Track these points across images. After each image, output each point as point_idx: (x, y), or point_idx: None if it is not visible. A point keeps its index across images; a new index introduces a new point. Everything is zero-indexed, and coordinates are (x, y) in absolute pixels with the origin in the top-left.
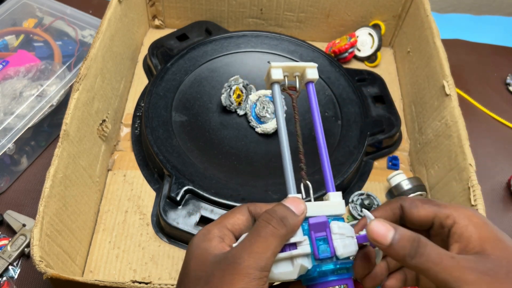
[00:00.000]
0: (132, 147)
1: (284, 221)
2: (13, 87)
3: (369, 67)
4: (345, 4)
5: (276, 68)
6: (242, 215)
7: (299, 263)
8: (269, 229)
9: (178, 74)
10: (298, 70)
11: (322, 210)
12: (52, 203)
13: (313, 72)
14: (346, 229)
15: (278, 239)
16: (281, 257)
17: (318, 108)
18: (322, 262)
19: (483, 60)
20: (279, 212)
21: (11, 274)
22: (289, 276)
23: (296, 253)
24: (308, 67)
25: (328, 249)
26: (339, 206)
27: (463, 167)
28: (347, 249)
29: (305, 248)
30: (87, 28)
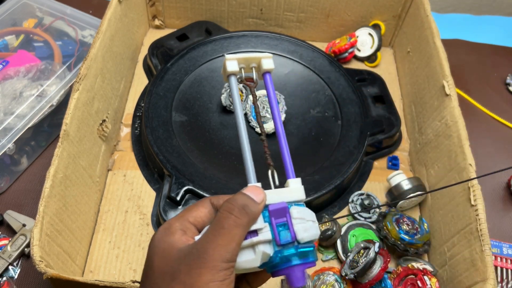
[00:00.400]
0: (132, 147)
1: (245, 209)
2: (13, 87)
3: (369, 67)
4: (345, 4)
5: (231, 60)
6: (205, 208)
7: (261, 250)
8: (232, 220)
9: (178, 74)
10: (253, 61)
11: (281, 197)
12: (52, 203)
13: (268, 62)
14: (306, 214)
15: (241, 229)
16: (243, 246)
17: (276, 97)
18: (284, 247)
19: (483, 60)
20: (240, 201)
21: (11, 274)
22: (252, 264)
23: (257, 240)
24: (263, 58)
25: (289, 234)
26: (298, 192)
27: (463, 167)
28: (308, 233)
29: (266, 235)
30: (87, 28)
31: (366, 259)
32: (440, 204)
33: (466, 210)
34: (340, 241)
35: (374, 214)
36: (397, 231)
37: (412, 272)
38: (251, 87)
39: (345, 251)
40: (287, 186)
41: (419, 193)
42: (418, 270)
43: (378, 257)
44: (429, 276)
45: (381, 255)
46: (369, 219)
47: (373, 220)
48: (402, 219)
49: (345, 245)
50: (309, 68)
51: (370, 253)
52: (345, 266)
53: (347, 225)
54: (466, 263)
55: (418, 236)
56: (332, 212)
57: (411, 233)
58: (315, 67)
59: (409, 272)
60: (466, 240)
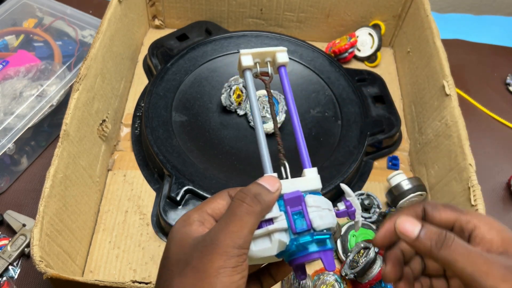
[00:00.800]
0: (132, 147)
1: (258, 197)
2: (13, 87)
3: (369, 67)
4: (345, 4)
5: (246, 55)
6: (222, 200)
7: (277, 238)
8: (244, 207)
9: (178, 74)
10: (268, 55)
11: (297, 186)
12: (52, 203)
13: (283, 56)
14: (322, 202)
15: (253, 216)
16: (259, 234)
17: (291, 91)
18: (300, 235)
19: (483, 60)
20: (253, 190)
21: (11, 274)
22: (269, 252)
23: (273, 228)
24: (278, 51)
25: (304, 222)
26: (314, 181)
27: (463, 167)
28: (324, 221)
29: (282, 223)
30: (87, 28)
31: (366, 259)
32: None
33: None
34: (340, 241)
35: (374, 214)
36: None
37: None
38: (266, 82)
39: (345, 251)
40: (303, 175)
41: (419, 193)
42: None
43: (378, 257)
44: None
45: (381, 255)
46: (369, 219)
47: (373, 220)
48: None
49: (345, 245)
50: (309, 68)
51: (370, 253)
52: (345, 266)
53: (347, 225)
54: None
55: None
56: None
57: None
58: (315, 67)
59: None
60: None
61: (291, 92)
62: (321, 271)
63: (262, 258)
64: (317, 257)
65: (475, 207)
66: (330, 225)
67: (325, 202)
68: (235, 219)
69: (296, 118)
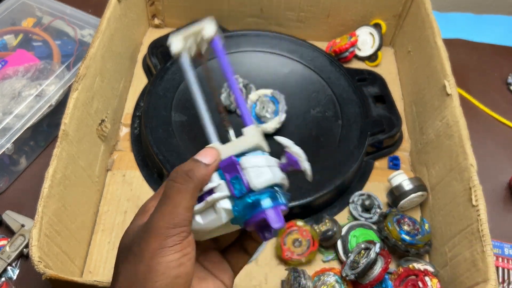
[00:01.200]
0: (132, 147)
1: (190, 174)
2: (12, 87)
3: (369, 67)
4: (345, 4)
5: (175, 39)
6: None
7: (221, 207)
8: (175, 187)
9: (178, 73)
10: (197, 31)
11: (237, 148)
12: (51, 204)
13: (210, 28)
14: (260, 161)
15: (186, 194)
16: (202, 207)
17: (229, 64)
18: (241, 199)
19: (484, 59)
20: (185, 168)
21: (9, 274)
22: (218, 222)
23: (211, 198)
24: (204, 26)
25: (242, 186)
26: (254, 138)
27: (464, 167)
28: (262, 178)
29: (222, 192)
30: (86, 27)
31: (367, 259)
32: (441, 204)
33: (467, 211)
34: (340, 241)
35: (375, 214)
36: (398, 231)
37: (413, 272)
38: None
39: (345, 252)
40: (243, 135)
41: (420, 193)
42: (419, 270)
43: (379, 257)
44: (430, 276)
45: (382, 255)
46: (369, 220)
47: (374, 221)
48: (403, 220)
49: (345, 246)
50: (310, 67)
51: (371, 253)
52: (345, 267)
53: (347, 225)
54: (467, 263)
55: (419, 236)
56: (332, 212)
57: (412, 233)
58: (315, 67)
59: (410, 273)
60: (467, 241)
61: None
62: (321, 272)
63: (216, 229)
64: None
65: (476, 207)
66: (270, 181)
67: (266, 159)
68: (166, 200)
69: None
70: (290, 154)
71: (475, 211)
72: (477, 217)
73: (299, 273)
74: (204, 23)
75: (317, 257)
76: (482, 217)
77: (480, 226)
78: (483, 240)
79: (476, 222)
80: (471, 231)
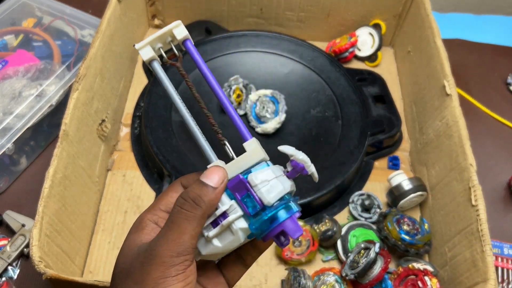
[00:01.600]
0: (132, 147)
1: (197, 201)
2: (12, 87)
3: (369, 67)
4: (345, 4)
5: (143, 48)
6: (176, 192)
7: (237, 227)
8: (183, 214)
9: (178, 74)
10: (167, 36)
11: (241, 166)
12: (52, 203)
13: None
14: (267, 174)
15: (193, 222)
16: (218, 231)
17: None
18: (256, 216)
19: (484, 59)
20: (192, 194)
21: (10, 274)
22: (236, 243)
23: (227, 222)
24: (173, 28)
25: (255, 203)
26: (256, 153)
27: (464, 167)
28: (273, 192)
29: (236, 212)
30: (86, 27)
31: (367, 259)
32: (441, 204)
33: (467, 211)
34: (340, 241)
35: (375, 214)
36: (398, 231)
37: (413, 272)
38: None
39: (345, 252)
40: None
41: (420, 193)
42: (418, 270)
43: (378, 257)
44: (430, 276)
45: (382, 255)
46: (369, 219)
47: (374, 221)
48: (402, 220)
49: (345, 246)
50: (309, 67)
51: (371, 253)
52: (345, 267)
53: (347, 225)
54: (467, 263)
55: (418, 236)
56: (332, 212)
57: (412, 233)
58: (315, 67)
59: (410, 273)
60: (467, 241)
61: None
62: (321, 272)
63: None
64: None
65: (475, 208)
66: (282, 194)
67: (272, 171)
68: (173, 227)
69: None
70: (296, 162)
71: (474, 211)
72: (477, 217)
73: (299, 272)
74: (171, 25)
75: (317, 257)
76: (482, 217)
77: (479, 226)
78: (483, 240)
79: (476, 222)
80: (471, 231)
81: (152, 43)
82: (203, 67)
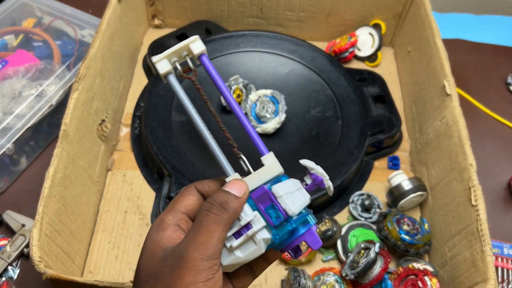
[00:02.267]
0: (132, 147)
1: (224, 205)
2: (12, 87)
3: (369, 67)
4: (345, 4)
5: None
6: (192, 195)
7: (260, 238)
8: (211, 217)
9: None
10: (183, 50)
11: (261, 178)
12: (52, 203)
13: (198, 45)
14: (289, 186)
15: (221, 225)
16: (242, 242)
17: (220, 77)
18: (279, 227)
19: (483, 59)
20: (219, 198)
21: (10, 274)
22: (258, 253)
23: (252, 232)
24: (191, 43)
25: (279, 213)
26: (274, 167)
27: (464, 167)
28: (297, 204)
29: (259, 223)
30: (86, 27)
31: (367, 259)
32: (441, 204)
33: (467, 211)
34: (340, 241)
35: (375, 214)
36: (398, 231)
37: (413, 272)
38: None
39: (345, 252)
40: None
41: (420, 193)
42: (418, 270)
43: (378, 257)
44: (430, 276)
45: (382, 255)
46: (369, 219)
47: (374, 221)
48: (402, 220)
49: (345, 246)
50: (309, 67)
51: (371, 253)
52: (345, 267)
53: (347, 225)
54: (467, 263)
55: (418, 236)
56: (332, 212)
57: (412, 233)
58: (315, 67)
59: (410, 272)
60: (467, 241)
61: (220, 79)
62: (321, 272)
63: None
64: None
65: (475, 208)
66: (304, 205)
67: (292, 184)
68: (202, 230)
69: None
70: (316, 175)
71: (474, 211)
72: (477, 217)
73: (299, 272)
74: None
75: (317, 256)
76: (482, 217)
77: (479, 226)
78: (483, 240)
79: (476, 222)
80: (471, 231)
81: (169, 57)
82: (219, 82)
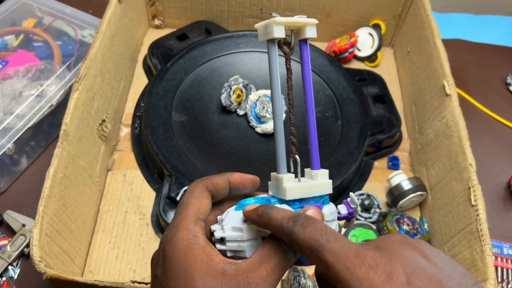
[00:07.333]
0: (132, 147)
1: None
2: (12, 87)
3: (369, 67)
4: (345, 4)
5: (279, 25)
6: (206, 199)
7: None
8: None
9: (178, 74)
10: (297, 25)
11: (312, 191)
12: (52, 203)
13: (312, 31)
14: (333, 212)
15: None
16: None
17: (310, 70)
18: None
19: (483, 60)
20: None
21: (10, 274)
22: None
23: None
24: (308, 25)
25: None
26: (327, 187)
27: (464, 167)
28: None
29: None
30: (86, 28)
31: None
32: (440, 204)
33: (466, 210)
34: None
35: (375, 214)
36: (398, 231)
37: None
38: (288, 54)
39: None
40: (315, 177)
41: (419, 193)
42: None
43: None
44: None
45: None
46: (369, 219)
47: (374, 220)
48: (402, 219)
49: None
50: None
51: None
52: None
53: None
54: (466, 263)
55: (418, 236)
56: None
57: (412, 233)
58: (315, 67)
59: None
60: (467, 240)
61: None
62: None
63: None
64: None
65: (475, 207)
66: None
67: (334, 210)
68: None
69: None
70: (353, 212)
71: (474, 211)
72: (476, 217)
73: (299, 272)
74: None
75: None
76: (481, 217)
77: (479, 226)
78: (482, 240)
79: (475, 222)
80: (470, 231)
81: (287, 24)
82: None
